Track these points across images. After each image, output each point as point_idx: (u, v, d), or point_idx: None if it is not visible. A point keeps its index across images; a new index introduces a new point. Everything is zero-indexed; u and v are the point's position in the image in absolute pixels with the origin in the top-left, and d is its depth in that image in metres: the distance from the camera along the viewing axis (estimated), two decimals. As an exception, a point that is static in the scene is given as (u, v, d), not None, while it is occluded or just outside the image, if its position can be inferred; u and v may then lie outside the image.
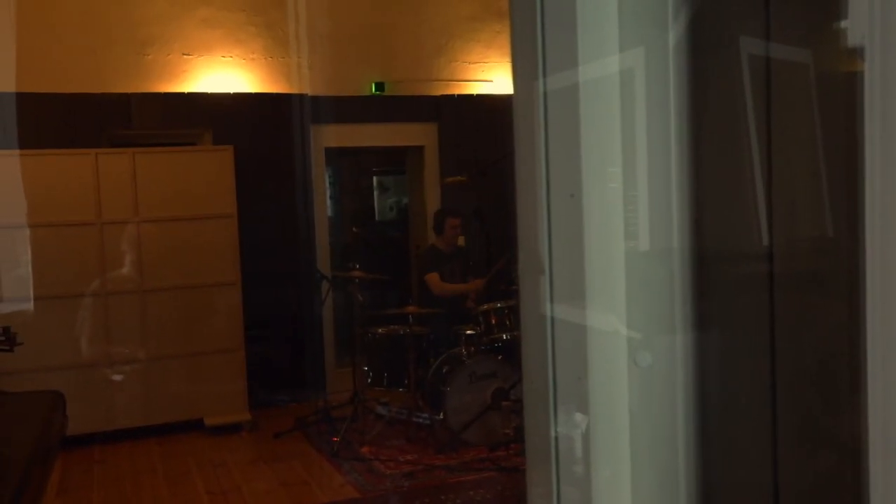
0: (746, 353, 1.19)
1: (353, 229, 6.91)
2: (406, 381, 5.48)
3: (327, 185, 7.55)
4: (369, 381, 5.60)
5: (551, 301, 1.14)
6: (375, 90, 6.83)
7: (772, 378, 1.12)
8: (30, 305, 5.38)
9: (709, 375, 1.16)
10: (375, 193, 9.48)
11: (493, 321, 5.43)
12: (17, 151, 5.55)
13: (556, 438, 1.11)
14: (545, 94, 1.14)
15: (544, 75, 1.15)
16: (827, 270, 1.10)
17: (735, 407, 1.21)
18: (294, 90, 6.62)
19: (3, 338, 3.46)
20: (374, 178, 9.48)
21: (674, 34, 1.26)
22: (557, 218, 1.13)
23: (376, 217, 9.34)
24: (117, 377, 5.65)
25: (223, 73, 6.45)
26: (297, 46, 6.63)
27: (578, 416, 1.10)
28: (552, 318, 1.14)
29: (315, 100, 6.62)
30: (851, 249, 0.92)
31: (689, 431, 1.16)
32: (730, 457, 1.21)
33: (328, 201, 7.52)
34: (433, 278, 5.89)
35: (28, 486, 2.82)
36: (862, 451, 0.92)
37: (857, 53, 0.97)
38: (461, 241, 6.26)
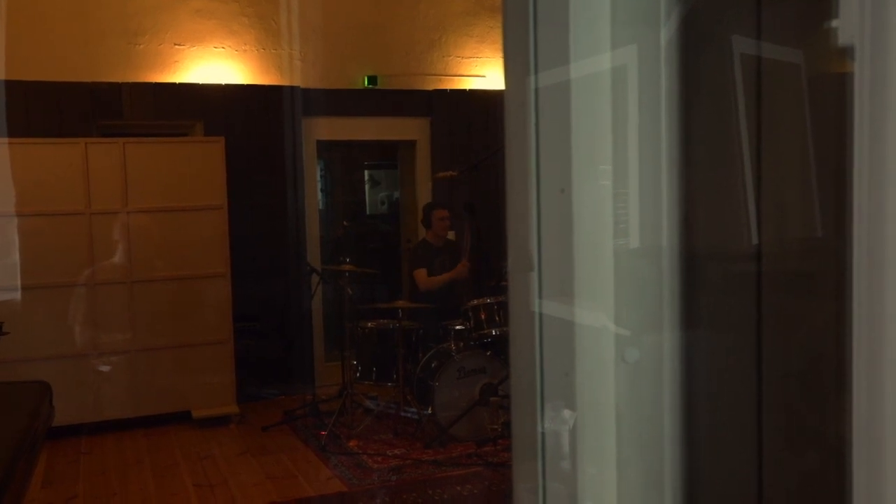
0: (734, 350, 1.20)
1: (344, 223, 6.90)
2: (395, 376, 5.48)
3: (318, 178, 7.53)
4: (358, 375, 5.60)
5: (540, 297, 1.14)
6: (368, 84, 6.82)
7: (758, 376, 1.13)
8: (18, 295, 5.35)
9: (696, 372, 1.17)
10: (367, 187, 9.46)
11: (483, 317, 5.43)
12: (6, 140, 5.52)
13: (543, 434, 1.11)
14: (537, 89, 1.14)
15: (536, 71, 1.15)
16: (815, 270, 1.11)
17: (722, 404, 1.21)
18: (286, 82, 6.60)
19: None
20: (366, 172, 9.46)
21: (666, 32, 1.26)
22: (547, 214, 1.13)
23: (367, 211, 9.32)
24: (105, 368, 5.63)
25: (215, 64, 6.42)
26: (289, 38, 6.61)
27: (565, 412, 1.10)
28: (540, 314, 1.14)
29: (307, 92, 6.61)
30: (840, 250, 0.92)
31: (676, 428, 1.17)
32: (716, 454, 1.21)
33: (319, 194, 7.50)
34: (420, 274, 5.90)
35: (13, 477, 2.80)
36: (847, 450, 0.93)
37: (847, 53, 0.98)
38: (452, 235, 6.26)
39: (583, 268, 1.13)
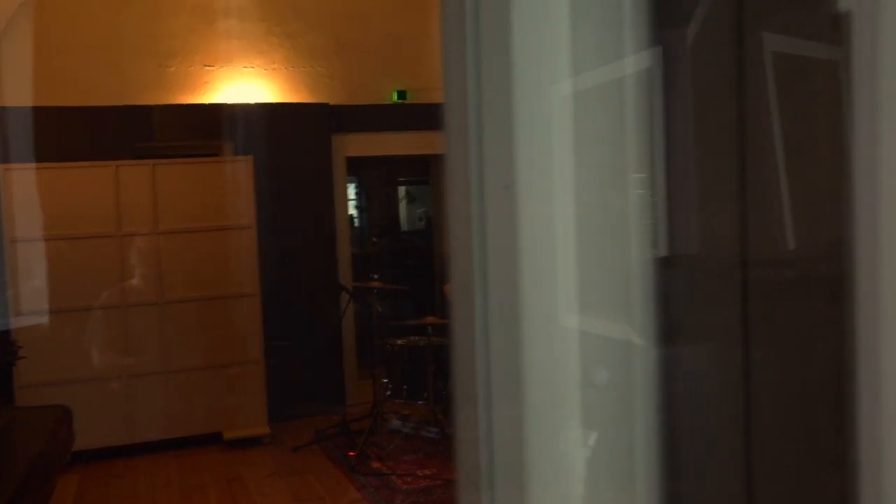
0: (715, 367, 1.07)
1: (374, 239, 6.83)
2: (425, 394, 5.37)
3: (353, 194, 7.50)
4: (389, 393, 5.50)
5: (486, 307, 1.03)
6: (397, 98, 6.76)
7: (745, 394, 1.00)
8: (46, 319, 5.38)
9: (672, 394, 1.04)
10: (402, 203, 9.41)
11: (514, 332, 5.29)
12: (39, 165, 5.57)
13: (492, 463, 0.99)
14: (480, 93, 1.03)
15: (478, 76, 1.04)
16: (803, 280, 0.98)
17: (702, 428, 1.08)
18: (315, 99, 6.58)
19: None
20: (402, 188, 9.42)
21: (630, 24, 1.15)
22: (491, 215, 1.02)
23: (402, 227, 9.25)
24: (136, 390, 5.62)
25: (245, 83, 6.44)
26: (317, 56, 6.59)
27: (516, 440, 0.98)
28: (487, 327, 1.02)
29: (336, 109, 6.57)
30: (826, 259, 0.80)
31: (651, 456, 1.04)
32: (697, 482, 1.08)
33: (353, 210, 7.46)
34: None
35: (24, 500, 2.77)
36: (844, 471, 0.81)
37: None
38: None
39: (535, 276, 1.00)
